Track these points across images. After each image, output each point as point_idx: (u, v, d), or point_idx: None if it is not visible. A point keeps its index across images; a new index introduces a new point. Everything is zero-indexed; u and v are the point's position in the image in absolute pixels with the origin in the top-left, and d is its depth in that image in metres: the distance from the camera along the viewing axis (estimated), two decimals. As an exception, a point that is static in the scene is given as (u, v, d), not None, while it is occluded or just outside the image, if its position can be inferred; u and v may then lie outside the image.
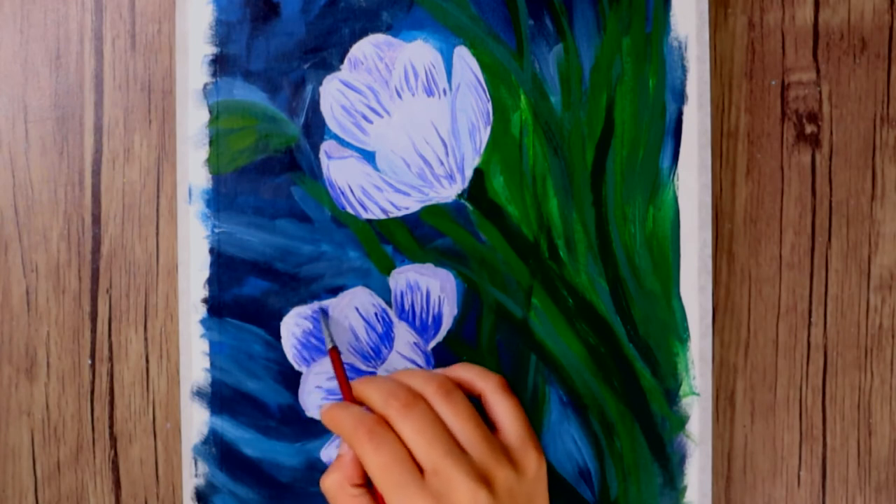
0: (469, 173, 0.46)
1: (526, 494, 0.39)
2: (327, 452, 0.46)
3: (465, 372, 0.42)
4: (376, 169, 0.46)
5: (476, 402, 0.42)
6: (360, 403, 0.41)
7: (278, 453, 0.46)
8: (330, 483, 0.40)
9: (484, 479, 0.37)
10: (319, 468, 0.46)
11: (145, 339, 0.49)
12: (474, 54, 0.46)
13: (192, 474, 0.46)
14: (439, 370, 0.43)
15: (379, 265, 0.46)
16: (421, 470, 0.38)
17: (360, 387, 0.41)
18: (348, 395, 0.42)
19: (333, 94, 0.46)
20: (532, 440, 0.41)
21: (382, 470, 0.37)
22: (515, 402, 0.42)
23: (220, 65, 0.46)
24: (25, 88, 0.49)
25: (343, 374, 0.43)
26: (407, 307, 0.46)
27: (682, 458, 0.46)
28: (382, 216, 0.46)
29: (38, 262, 0.49)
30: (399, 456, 0.37)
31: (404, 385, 0.40)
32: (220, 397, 0.46)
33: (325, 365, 0.46)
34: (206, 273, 0.46)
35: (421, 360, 0.46)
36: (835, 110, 0.49)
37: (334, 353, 0.43)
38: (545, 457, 0.42)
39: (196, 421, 0.46)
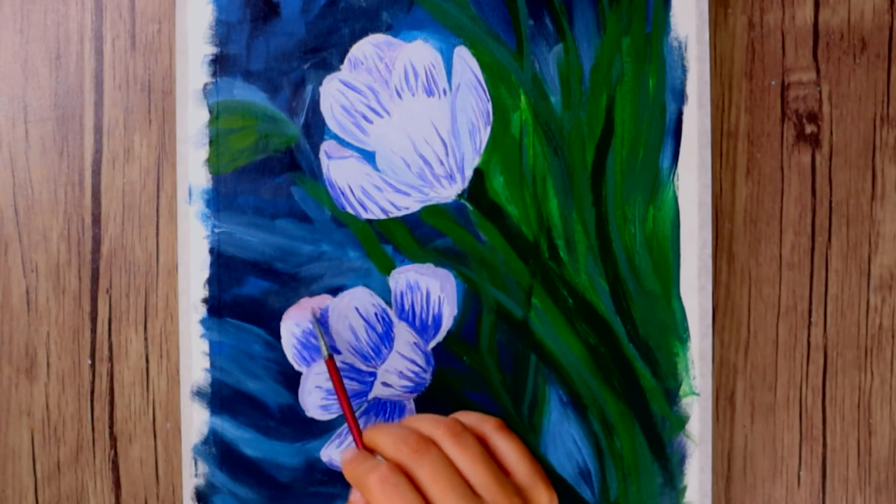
0: (469, 173, 0.46)
1: None
2: (327, 452, 0.46)
3: (464, 417, 0.43)
4: (376, 169, 0.46)
5: None
6: (372, 451, 0.41)
7: (278, 453, 0.46)
8: None
9: None
10: (319, 468, 0.46)
11: (145, 339, 0.49)
12: (474, 54, 0.46)
13: (192, 474, 0.46)
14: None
15: (379, 265, 0.46)
16: None
17: (370, 434, 0.41)
18: (358, 436, 0.42)
19: (333, 94, 0.46)
20: (541, 477, 0.41)
21: None
22: (518, 441, 0.42)
23: (220, 65, 0.46)
24: (25, 88, 0.49)
25: (342, 388, 0.43)
26: (407, 307, 0.46)
27: (682, 458, 0.46)
28: (382, 216, 0.46)
29: (38, 262, 0.49)
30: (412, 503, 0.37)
31: (414, 430, 0.40)
32: (220, 397, 0.46)
33: (324, 365, 0.46)
34: (206, 273, 0.46)
35: (421, 360, 0.46)
36: (835, 110, 0.49)
37: (331, 364, 0.43)
38: (553, 490, 0.42)
39: (196, 421, 0.46)
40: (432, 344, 0.46)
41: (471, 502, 0.37)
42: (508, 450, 0.41)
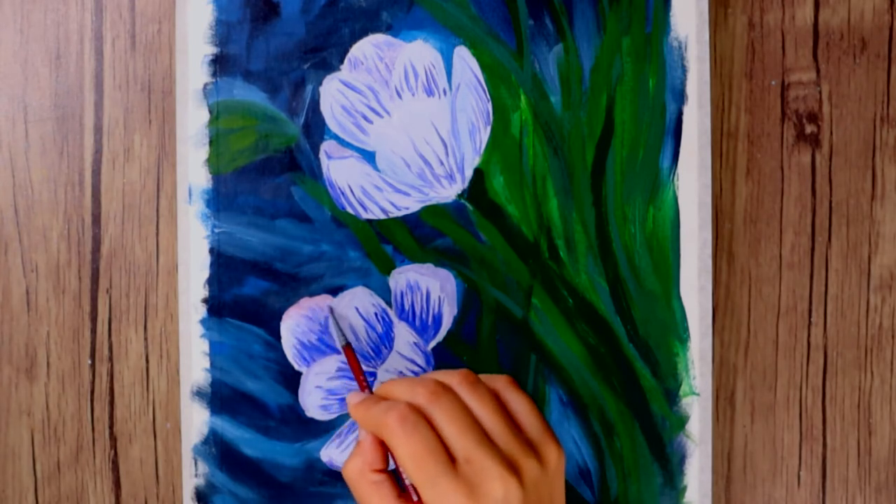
0: (469, 173, 0.46)
1: (548, 485, 0.39)
2: (327, 452, 0.46)
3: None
4: (376, 169, 0.46)
5: None
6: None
7: (278, 453, 0.46)
8: (350, 469, 0.39)
9: (514, 469, 0.37)
10: (319, 468, 0.46)
11: (145, 339, 0.49)
12: (474, 54, 0.46)
13: (192, 474, 0.46)
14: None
15: (379, 265, 0.46)
16: (451, 458, 0.37)
17: (383, 388, 0.41)
18: (364, 382, 0.42)
19: (333, 94, 0.46)
20: (550, 433, 0.41)
21: (415, 459, 0.37)
22: (529, 398, 0.42)
23: (220, 65, 0.46)
24: (25, 88, 0.49)
25: (361, 373, 0.43)
26: (407, 307, 0.46)
27: (682, 458, 0.46)
28: (382, 216, 0.46)
29: (38, 262, 0.49)
30: (431, 444, 0.37)
31: (429, 378, 0.40)
32: (220, 397, 0.46)
33: (324, 365, 0.46)
34: (206, 273, 0.46)
35: (421, 360, 0.46)
36: (835, 110, 0.49)
37: (348, 350, 0.43)
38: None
39: (196, 421, 0.46)
40: (432, 344, 0.46)
41: (486, 446, 0.37)
42: (519, 405, 0.41)
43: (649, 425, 0.46)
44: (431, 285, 0.46)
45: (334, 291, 0.46)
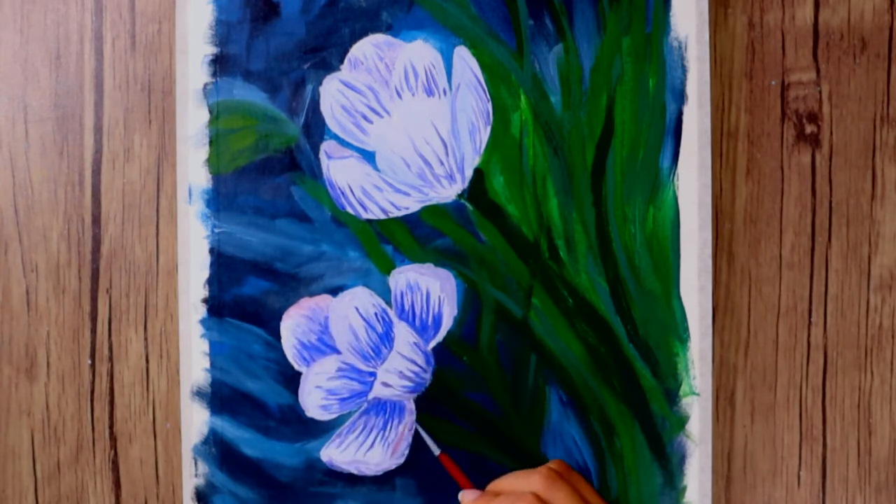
0: (469, 173, 0.46)
1: None
2: (327, 452, 0.46)
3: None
4: (376, 169, 0.46)
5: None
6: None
7: (278, 453, 0.46)
8: None
9: None
10: (319, 468, 0.46)
11: (145, 339, 0.49)
12: (474, 54, 0.46)
13: (192, 474, 0.46)
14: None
15: (379, 265, 0.46)
16: None
17: (494, 485, 0.43)
18: (468, 481, 0.45)
19: (333, 94, 0.46)
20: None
21: None
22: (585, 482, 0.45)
23: (220, 65, 0.46)
24: (25, 88, 0.49)
25: (464, 475, 0.45)
26: (407, 307, 0.46)
27: (682, 458, 0.46)
28: (382, 216, 0.46)
29: (38, 262, 0.49)
30: None
31: (537, 468, 0.43)
32: (220, 397, 0.46)
33: (324, 365, 0.46)
34: (206, 273, 0.46)
35: (421, 360, 0.46)
36: (835, 110, 0.49)
37: (446, 459, 0.45)
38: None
39: (196, 421, 0.46)
40: (432, 344, 0.46)
41: None
42: (586, 489, 0.45)
43: (649, 425, 0.46)
44: (431, 285, 0.46)
45: (334, 291, 0.46)
